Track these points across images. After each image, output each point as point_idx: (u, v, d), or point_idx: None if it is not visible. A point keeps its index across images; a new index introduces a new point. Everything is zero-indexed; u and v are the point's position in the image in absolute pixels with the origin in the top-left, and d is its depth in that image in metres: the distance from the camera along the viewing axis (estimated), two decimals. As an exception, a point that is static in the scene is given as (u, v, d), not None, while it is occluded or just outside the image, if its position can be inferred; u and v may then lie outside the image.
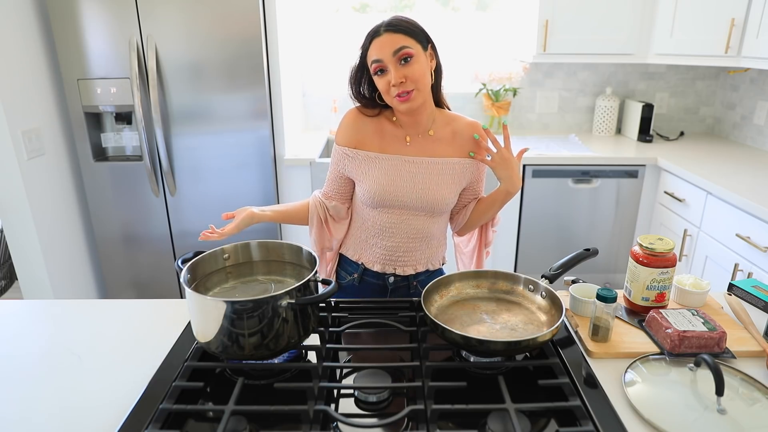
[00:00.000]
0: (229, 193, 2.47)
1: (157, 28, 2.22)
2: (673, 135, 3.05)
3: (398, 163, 1.27)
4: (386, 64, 1.17)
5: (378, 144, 1.29)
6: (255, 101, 2.34)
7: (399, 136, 1.29)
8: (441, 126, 1.30)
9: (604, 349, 1.01)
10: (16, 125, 2.10)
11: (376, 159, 1.28)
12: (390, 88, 1.18)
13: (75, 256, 2.50)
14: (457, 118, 1.32)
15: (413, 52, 1.17)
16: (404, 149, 1.29)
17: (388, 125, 1.30)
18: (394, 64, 1.16)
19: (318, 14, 3.03)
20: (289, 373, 0.97)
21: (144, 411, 0.84)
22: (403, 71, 1.16)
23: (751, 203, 1.89)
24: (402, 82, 1.16)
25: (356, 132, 1.30)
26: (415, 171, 1.27)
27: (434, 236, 1.35)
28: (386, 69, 1.17)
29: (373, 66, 1.19)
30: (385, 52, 1.16)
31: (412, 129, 1.29)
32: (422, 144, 1.29)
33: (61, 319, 1.18)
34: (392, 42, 1.16)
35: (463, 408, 0.83)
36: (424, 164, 1.28)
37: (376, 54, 1.17)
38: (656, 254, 1.09)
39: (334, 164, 1.35)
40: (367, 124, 1.30)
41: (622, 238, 2.72)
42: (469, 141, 1.29)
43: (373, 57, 1.18)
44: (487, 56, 3.12)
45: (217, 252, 1.08)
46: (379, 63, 1.17)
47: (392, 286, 1.37)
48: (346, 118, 1.32)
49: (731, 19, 2.27)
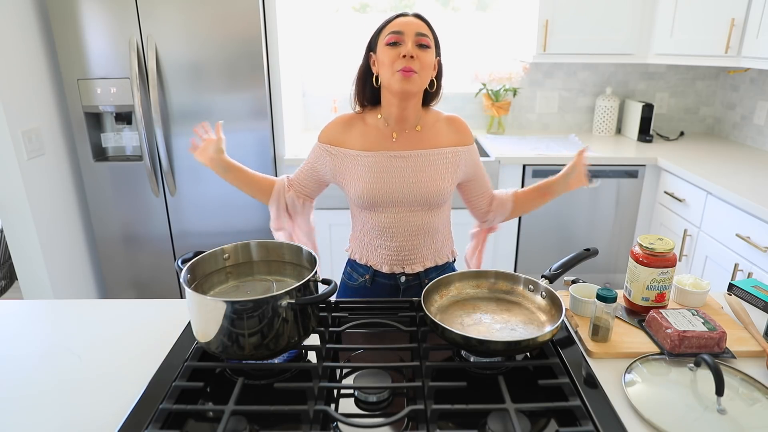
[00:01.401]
0: (229, 193, 2.46)
1: (157, 28, 2.22)
2: (673, 135, 3.05)
3: (383, 159, 1.27)
4: (405, 38, 1.19)
5: (360, 143, 1.29)
6: (255, 101, 2.34)
7: (385, 134, 1.29)
8: (428, 121, 1.32)
9: (604, 349, 1.01)
10: (16, 125, 2.10)
11: (357, 157, 1.28)
12: (397, 60, 1.19)
13: (75, 256, 2.50)
14: (440, 113, 1.36)
15: (430, 44, 1.22)
16: (390, 145, 1.28)
17: (373, 126, 1.30)
18: (412, 41, 1.19)
19: (318, 14, 3.03)
20: (289, 373, 0.97)
21: (144, 411, 0.84)
22: (417, 52, 1.19)
23: (751, 203, 1.89)
24: (413, 58, 1.18)
25: (340, 133, 1.31)
26: (404, 165, 1.27)
27: (438, 230, 1.34)
28: (402, 42, 1.19)
29: (390, 36, 1.20)
30: (409, 28, 1.20)
31: (398, 126, 1.29)
32: (409, 138, 1.29)
33: (61, 319, 1.18)
34: (417, 24, 1.21)
35: (463, 408, 0.83)
36: (413, 157, 1.28)
37: (399, 27, 1.20)
38: (656, 254, 1.09)
39: (310, 160, 1.36)
40: (353, 126, 1.31)
41: (622, 238, 2.72)
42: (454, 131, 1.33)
43: (393, 29, 1.21)
44: (487, 56, 3.12)
45: (217, 252, 1.07)
46: (399, 35, 1.20)
47: (404, 286, 1.36)
48: (333, 122, 1.34)
49: (731, 19, 2.27)
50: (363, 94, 1.31)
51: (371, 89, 1.29)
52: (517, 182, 2.60)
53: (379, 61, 1.23)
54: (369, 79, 1.28)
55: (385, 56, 1.21)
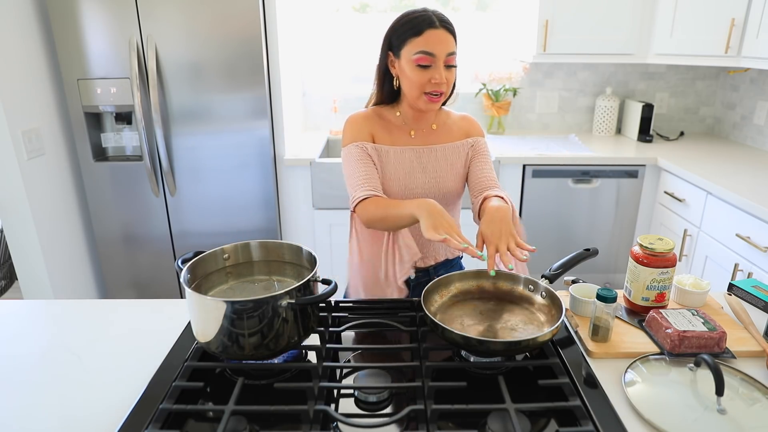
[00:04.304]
0: (229, 193, 2.47)
1: (157, 28, 2.22)
2: (673, 135, 3.05)
3: (410, 155, 1.29)
4: (437, 61, 1.16)
5: (386, 138, 1.30)
6: (255, 101, 2.34)
7: (403, 130, 1.32)
8: (442, 120, 1.36)
9: (604, 349, 1.01)
10: (16, 125, 2.10)
11: (389, 151, 1.28)
12: (428, 84, 1.18)
13: (75, 256, 2.50)
14: (452, 112, 1.39)
15: (456, 61, 1.20)
16: (409, 140, 1.31)
17: (391, 122, 1.32)
18: (443, 64, 1.17)
19: (318, 14, 3.03)
20: (289, 373, 0.97)
21: (144, 411, 0.84)
22: (447, 74, 1.18)
23: (751, 203, 1.89)
24: (442, 83, 1.18)
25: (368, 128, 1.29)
26: (426, 161, 1.30)
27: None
28: (434, 65, 1.16)
29: (421, 57, 1.16)
30: (440, 49, 1.16)
31: (415, 124, 1.32)
32: (426, 135, 1.33)
33: (61, 319, 1.18)
34: (447, 42, 1.16)
35: (463, 408, 0.83)
36: (432, 152, 1.30)
37: (431, 47, 1.15)
38: (656, 254, 1.09)
39: (363, 161, 1.24)
40: (373, 122, 1.31)
41: (622, 238, 2.72)
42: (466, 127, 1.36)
43: (424, 48, 1.15)
44: (487, 56, 3.12)
45: (217, 252, 1.07)
46: (431, 57, 1.15)
47: (413, 283, 1.36)
48: (352, 122, 1.30)
49: (731, 19, 2.27)
50: (381, 92, 1.31)
51: (389, 88, 1.28)
52: (517, 182, 2.60)
53: (404, 73, 1.20)
54: (387, 78, 1.27)
55: (413, 75, 1.18)
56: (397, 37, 1.20)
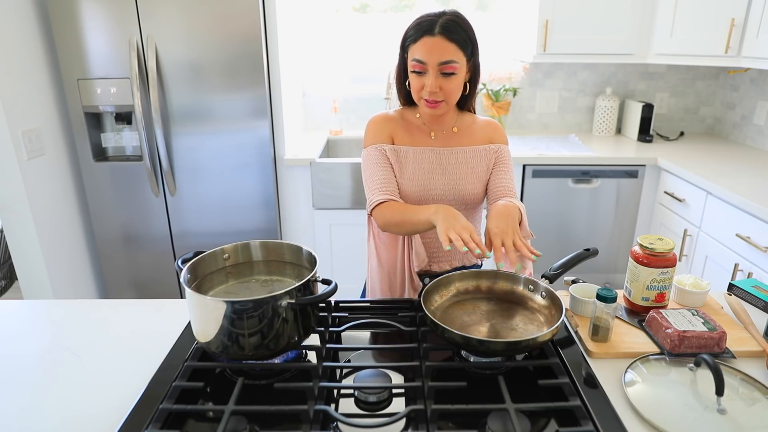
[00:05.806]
0: (229, 193, 2.47)
1: (157, 28, 2.22)
2: (673, 135, 3.05)
3: (431, 156, 1.29)
4: (428, 68, 1.16)
5: (407, 139, 1.30)
6: (255, 101, 2.34)
7: (424, 131, 1.32)
8: (464, 123, 1.34)
9: (604, 349, 1.01)
10: (16, 125, 2.10)
11: (408, 152, 1.29)
12: (422, 90, 1.19)
13: (75, 256, 2.50)
14: (476, 116, 1.37)
15: (457, 68, 1.16)
16: (430, 142, 1.31)
17: (412, 123, 1.32)
18: (435, 72, 1.16)
19: (318, 14, 3.03)
20: (289, 373, 0.97)
21: (144, 411, 0.84)
22: (440, 82, 1.17)
23: (751, 203, 1.89)
24: (435, 92, 1.17)
25: (388, 130, 1.30)
26: (446, 163, 1.29)
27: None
28: (425, 72, 1.17)
29: (414, 64, 1.18)
30: (431, 58, 1.15)
31: (435, 126, 1.32)
32: (447, 138, 1.32)
33: (61, 319, 1.18)
34: (442, 50, 1.14)
35: (463, 408, 0.83)
36: (453, 154, 1.30)
37: (422, 55, 1.15)
38: (656, 254, 1.09)
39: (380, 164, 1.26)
40: (395, 123, 1.32)
41: (622, 238, 2.72)
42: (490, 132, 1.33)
43: (417, 56, 1.16)
44: (487, 56, 3.12)
45: (217, 252, 1.07)
46: (422, 65, 1.16)
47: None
48: (373, 123, 1.32)
49: (731, 19, 2.27)
50: (401, 93, 1.32)
51: (407, 89, 1.28)
52: (518, 182, 2.60)
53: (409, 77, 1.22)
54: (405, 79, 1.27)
55: (411, 80, 1.21)
56: (404, 40, 1.22)
